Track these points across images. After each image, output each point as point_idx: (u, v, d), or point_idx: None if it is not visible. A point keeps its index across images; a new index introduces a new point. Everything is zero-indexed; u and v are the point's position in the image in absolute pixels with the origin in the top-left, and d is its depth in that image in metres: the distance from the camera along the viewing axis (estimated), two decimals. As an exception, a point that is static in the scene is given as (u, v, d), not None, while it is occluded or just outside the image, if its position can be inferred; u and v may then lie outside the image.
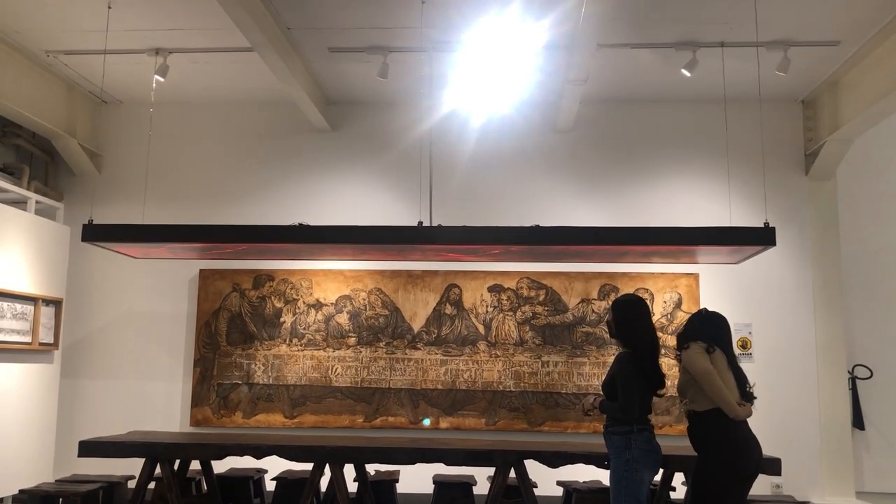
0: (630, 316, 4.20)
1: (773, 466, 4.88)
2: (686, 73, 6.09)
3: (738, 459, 3.91)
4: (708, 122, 7.00)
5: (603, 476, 5.50)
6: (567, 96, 6.42)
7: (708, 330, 4.20)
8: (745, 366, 6.68)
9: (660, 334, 6.73)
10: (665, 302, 6.85)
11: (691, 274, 6.87)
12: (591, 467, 5.09)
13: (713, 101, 6.80)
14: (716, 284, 6.90)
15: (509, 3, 5.29)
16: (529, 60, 6.20)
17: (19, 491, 5.48)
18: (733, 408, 3.91)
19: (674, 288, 6.85)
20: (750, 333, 6.87)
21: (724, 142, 6.60)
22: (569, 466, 5.07)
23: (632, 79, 6.67)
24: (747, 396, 4.07)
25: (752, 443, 3.97)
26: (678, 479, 5.32)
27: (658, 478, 5.20)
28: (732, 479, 3.91)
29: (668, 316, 6.83)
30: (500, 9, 5.38)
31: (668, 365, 6.17)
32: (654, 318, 6.77)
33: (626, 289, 6.86)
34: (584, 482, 5.69)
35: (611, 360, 6.69)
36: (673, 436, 6.67)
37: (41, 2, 5.48)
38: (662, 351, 4.59)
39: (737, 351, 6.76)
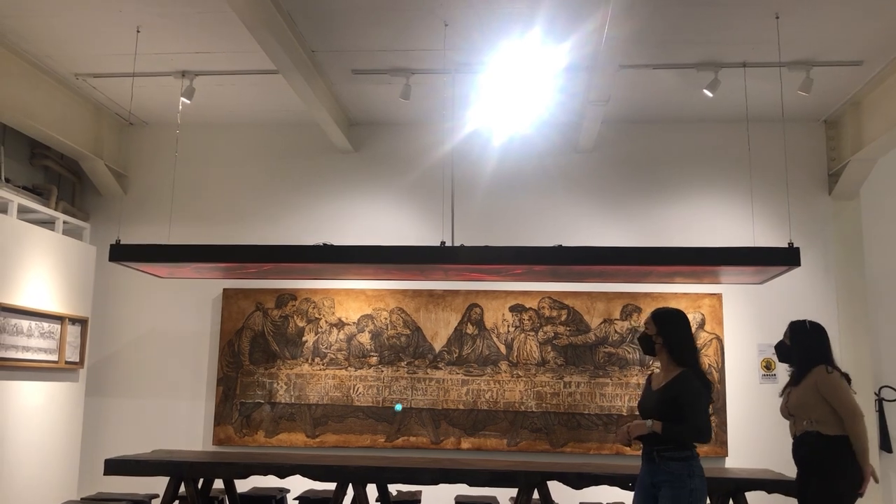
0: (683, 330, 3.97)
1: (801, 489, 4.81)
2: (708, 93, 6.10)
3: (858, 487, 4.03)
4: (730, 143, 6.99)
5: (626, 498, 5.47)
6: (589, 117, 6.45)
7: (829, 350, 4.24)
8: (768, 387, 6.72)
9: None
10: (688, 322, 6.81)
11: (714, 294, 6.83)
12: (616, 489, 5.06)
13: (735, 121, 6.79)
14: (739, 305, 6.86)
15: (532, 26, 5.34)
16: (551, 82, 6.24)
17: (45, 509, 5.54)
18: (865, 441, 3.99)
19: (697, 308, 6.82)
20: (773, 354, 6.80)
21: (747, 162, 6.59)
22: (592, 488, 5.05)
23: (654, 99, 6.69)
24: None
25: None
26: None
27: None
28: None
29: (691, 336, 6.79)
30: (522, 32, 5.43)
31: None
32: (677, 339, 6.76)
33: (650, 309, 6.80)
34: (607, 504, 5.65)
35: (634, 380, 6.72)
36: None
37: (71, 26, 5.59)
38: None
39: (761, 372, 6.77)
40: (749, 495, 5.03)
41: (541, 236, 6.66)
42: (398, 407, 6.79)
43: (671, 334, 3.92)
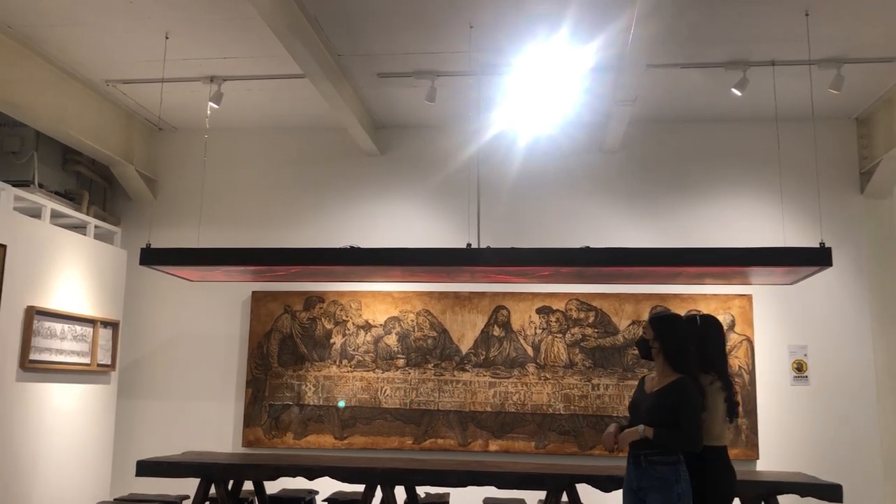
0: (681, 335, 3.93)
1: (835, 493, 4.76)
2: (737, 92, 6.03)
3: None
4: (759, 142, 6.91)
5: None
6: (615, 117, 6.41)
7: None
8: (800, 389, 6.64)
9: (712, 356, 6.67)
10: (717, 323, 6.74)
11: (744, 295, 6.76)
12: (645, 492, 5.01)
13: (764, 120, 6.72)
14: (770, 306, 6.78)
15: (558, 28, 5.32)
16: (577, 82, 6.22)
17: (79, 509, 5.62)
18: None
19: (727, 310, 6.75)
20: (805, 356, 6.73)
21: (777, 161, 6.51)
22: (621, 491, 5.00)
23: (681, 99, 6.64)
24: None
25: None
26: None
27: None
28: None
29: (721, 338, 6.71)
30: (548, 33, 5.42)
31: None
32: (707, 340, 6.69)
33: (679, 311, 6.73)
34: (636, 507, 5.60)
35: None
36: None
37: (102, 34, 5.68)
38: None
39: (792, 374, 6.69)
40: (781, 499, 4.96)
41: (567, 238, 6.63)
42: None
43: (668, 339, 3.90)
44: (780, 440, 6.60)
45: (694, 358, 3.90)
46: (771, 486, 4.91)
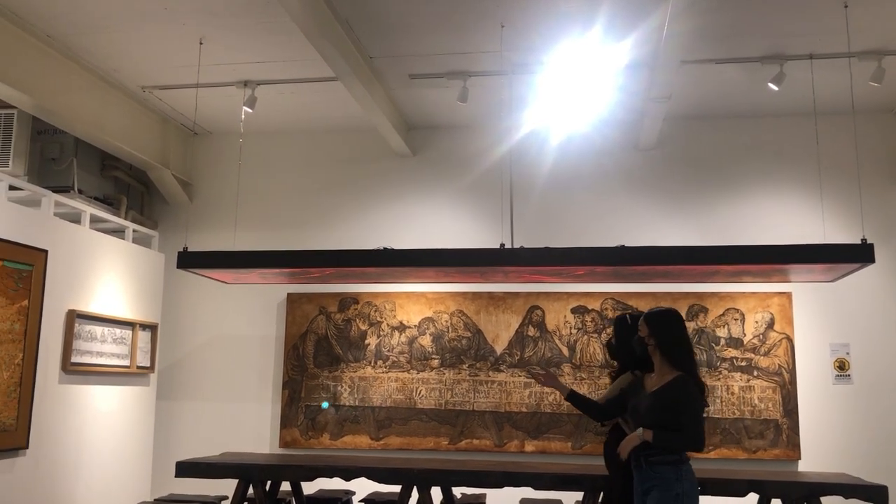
0: (677, 331, 3.85)
1: (880, 495, 4.65)
2: (773, 87, 5.93)
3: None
4: (798, 137, 6.79)
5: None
6: (650, 114, 6.35)
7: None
8: (842, 388, 6.52)
9: (750, 355, 6.59)
10: (757, 322, 6.64)
11: (784, 293, 6.65)
12: (684, 493, 4.95)
13: (802, 114, 6.60)
14: (810, 303, 6.66)
15: (591, 25, 5.28)
16: (611, 80, 6.16)
17: (121, 509, 5.71)
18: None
19: (766, 308, 6.64)
20: (848, 354, 6.59)
21: (816, 156, 6.39)
22: (660, 492, 4.95)
23: (717, 94, 6.55)
24: None
25: None
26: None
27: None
28: None
29: (761, 337, 6.62)
30: (581, 31, 5.37)
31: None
32: (746, 339, 6.62)
33: (716, 309, 6.70)
34: (675, 508, 5.54)
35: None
36: (768, 460, 6.46)
37: (138, 41, 5.76)
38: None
39: (834, 372, 6.56)
40: (825, 500, 4.86)
41: (602, 236, 6.56)
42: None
43: (664, 336, 3.82)
44: (822, 440, 6.48)
45: (692, 353, 3.86)
46: (813, 487, 4.80)
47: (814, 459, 6.43)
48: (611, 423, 4.33)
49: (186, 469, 5.38)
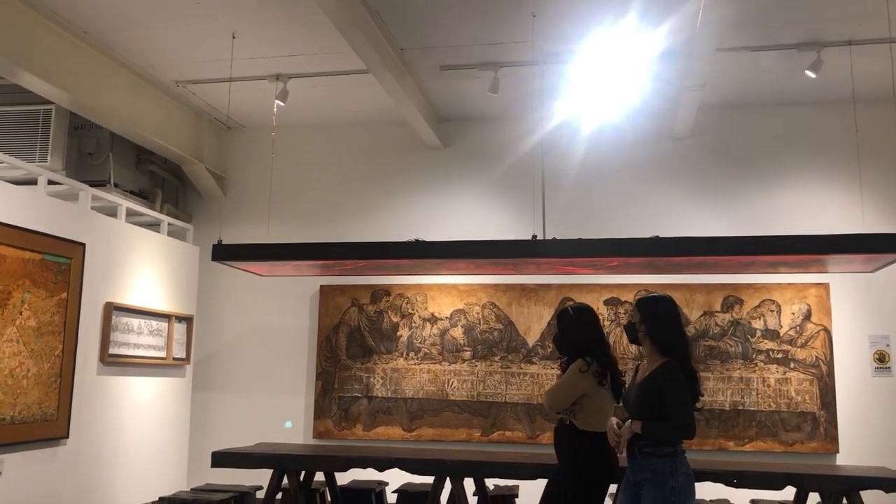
0: (668, 317, 3.76)
1: (922, 490, 4.56)
2: (811, 74, 5.82)
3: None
4: (836, 125, 6.66)
5: (731, 494, 5.31)
6: (684, 103, 6.27)
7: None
8: (882, 381, 6.40)
9: (787, 347, 6.50)
10: (793, 314, 6.54)
11: (821, 284, 6.54)
12: (720, 486, 4.90)
13: (841, 102, 6.48)
14: (848, 294, 6.54)
15: (624, 13, 5.21)
16: (644, 69, 6.09)
17: (159, 498, 5.78)
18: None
19: (802, 299, 6.54)
20: (888, 346, 6.47)
21: (855, 144, 6.27)
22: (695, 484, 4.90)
23: (752, 82, 6.44)
24: None
25: None
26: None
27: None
28: None
29: (797, 328, 6.52)
30: (615, 19, 5.31)
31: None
32: (783, 331, 6.52)
33: (752, 301, 6.61)
34: (710, 501, 5.49)
35: (737, 374, 6.51)
36: (805, 453, 6.38)
37: (171, 36, 5.82)
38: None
39: (874, 364, 6.44)
40: (864, 494, 4.78)
41: (635, 227, 6.50)
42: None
43: (654, 322, 3.73)
44: (861, 433, 6.37)
45: (684, 340, 3.77)
46: (853, 481, 4.73)
47: (852, 453, 6.32)
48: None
49: (222, 459, 5.44)
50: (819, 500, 4.99)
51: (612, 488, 4.05)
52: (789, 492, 4.98)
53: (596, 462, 4.02)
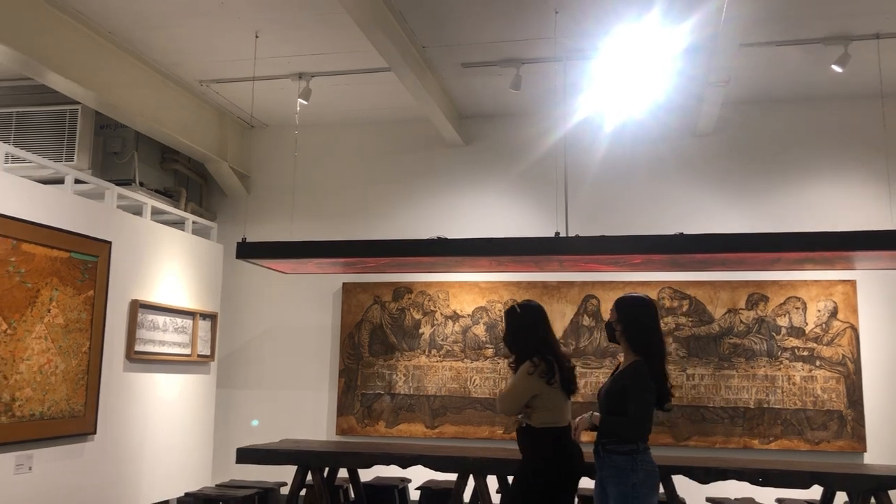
0: (643, 317, 3.80)
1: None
2: (837, 69, 5.74)
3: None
4: (863, 120, 6.58)
5: (755, 492, 5.28)
6: (708, 99, 6.21)
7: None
8: (911, 379, 6.30)
9: (813, 345, 6.43)
10: (819, 311, 6.48)
11: (848, 281, 6.46)
12: (744, 484, 4.87)
13: (868, 97, 6.39)
14: (875, 292, 6.46)
15: (648, 9, 5.18)
16: (668, 65, 6.04)
17: (185, 494, 5.85)
18: None
19: (829, 296, 6.47)
20: (916, 344, 6.38)
21: (882, 139, 6.19)
22: (719, 483, 4.88)
23: (778, 78, 6.37)
24: None
25: None
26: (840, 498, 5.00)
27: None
28: None
29: (823, 326, 6.45)
30: (637, 15, 5.28)
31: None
32: (808, 328, 6.46)
33: (777, 298, 6.55)
34: (735, 499, 5.45)
35: (762, 372, 6.45)
36: (832, 452, 6.31)
37: (195, 36, 5.86)
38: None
39: (902, 363, 6.35)
40: (893, 494, 4.73)
41: (658, 224, 6.47)
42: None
43: (629, 321, 3.78)
44: (889, 432, 6.29)
45: (658, 342, 3.79)
46: (880, 480, 4.67)
47: (880, 452, 6.25)
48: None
49: (246, 455, 5.49)
50: (846, 499, 4.94)
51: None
52: (815, 491, 4.93)
53: (558, 457, 3.99)
